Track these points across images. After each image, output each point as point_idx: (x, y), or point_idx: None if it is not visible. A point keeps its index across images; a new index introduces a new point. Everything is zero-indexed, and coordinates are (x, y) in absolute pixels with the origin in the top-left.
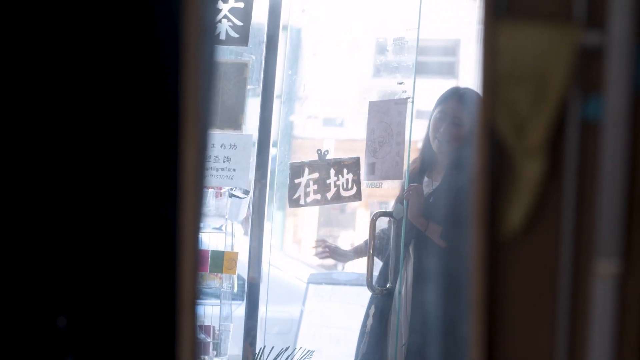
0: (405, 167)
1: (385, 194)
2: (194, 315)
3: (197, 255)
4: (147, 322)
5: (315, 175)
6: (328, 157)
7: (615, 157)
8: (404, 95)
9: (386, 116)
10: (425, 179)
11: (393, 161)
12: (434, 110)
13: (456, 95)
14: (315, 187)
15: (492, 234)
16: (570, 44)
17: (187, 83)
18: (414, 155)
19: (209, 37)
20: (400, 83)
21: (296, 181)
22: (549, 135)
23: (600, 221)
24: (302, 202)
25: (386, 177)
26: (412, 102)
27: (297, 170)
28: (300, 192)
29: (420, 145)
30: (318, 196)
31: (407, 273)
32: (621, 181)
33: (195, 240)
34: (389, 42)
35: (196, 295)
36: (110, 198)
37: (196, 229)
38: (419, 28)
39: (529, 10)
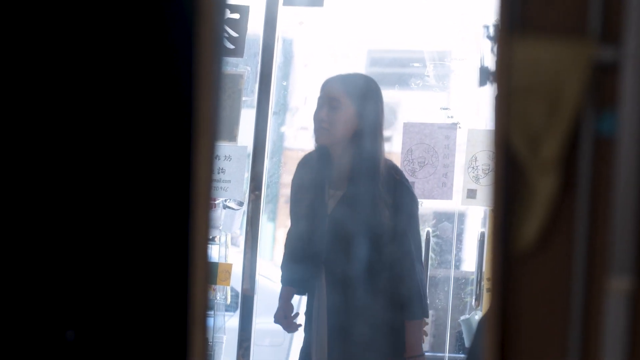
0: (454, 188)
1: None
2: (204, 327)
3: (208, 267)
4: (158, 335)
5: None
6: None
7: (629, 172)
8: (450, 121)
9: (428, 138)
10: (328, 190)
11: (439, 182)
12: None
13: (334, 79)
14: None
15: (506, 248)
16: (584, 59)
17: (201, 94)
18: (459, 177)
19: (219, 48)
20: (445, 109)
21: None
22: (563, 150)
23: (613, 237)
24: None
25: (430, 197)
26: (460, 127)
27: None
28: None
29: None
30: None
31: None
32: (635, 196)
33: (206, 252)
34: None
35: (207, 307)
36: (123, 209)
37: (206, 241)
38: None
39: (543, 25)
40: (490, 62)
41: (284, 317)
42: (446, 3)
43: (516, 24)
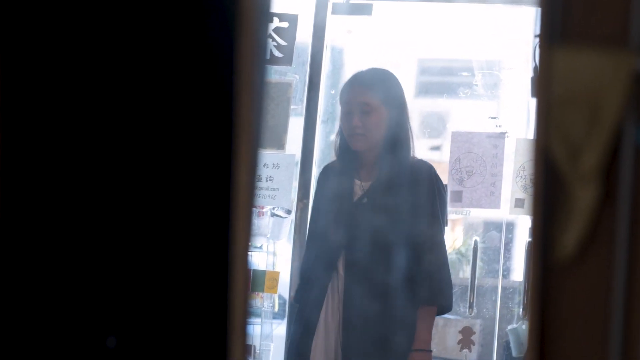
0: (502, 197)
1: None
2: (244, 335)
3: (248, 274)
4: (198, 343)
5: None
6: None
7: None
8: (498, 130)
9: (476, 147)
10: (356, 181)
11: (487, 191)
12: (340, 105)
13: (358, 80)
14: None
15: (546, 259)
16: (625, 70)
17: (241, 103)
18: (508, 186)
19: (261, 56)
20: (494, 118)
21: None
22: (604, 161)
23: None
24: None
25: (478, 206)
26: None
27: None
28: None
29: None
30: None
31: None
32: None
33: (246, 259)
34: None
35: (247, 315)
36: (163, 216)
37: (247, 249)
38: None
39: (584, 35)
40: None
41: None
42: (495, 12)
43: (557, 34)
